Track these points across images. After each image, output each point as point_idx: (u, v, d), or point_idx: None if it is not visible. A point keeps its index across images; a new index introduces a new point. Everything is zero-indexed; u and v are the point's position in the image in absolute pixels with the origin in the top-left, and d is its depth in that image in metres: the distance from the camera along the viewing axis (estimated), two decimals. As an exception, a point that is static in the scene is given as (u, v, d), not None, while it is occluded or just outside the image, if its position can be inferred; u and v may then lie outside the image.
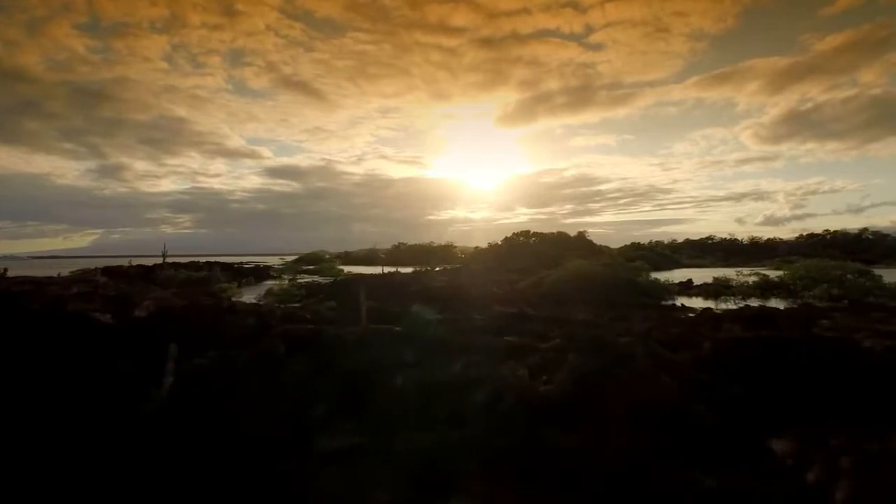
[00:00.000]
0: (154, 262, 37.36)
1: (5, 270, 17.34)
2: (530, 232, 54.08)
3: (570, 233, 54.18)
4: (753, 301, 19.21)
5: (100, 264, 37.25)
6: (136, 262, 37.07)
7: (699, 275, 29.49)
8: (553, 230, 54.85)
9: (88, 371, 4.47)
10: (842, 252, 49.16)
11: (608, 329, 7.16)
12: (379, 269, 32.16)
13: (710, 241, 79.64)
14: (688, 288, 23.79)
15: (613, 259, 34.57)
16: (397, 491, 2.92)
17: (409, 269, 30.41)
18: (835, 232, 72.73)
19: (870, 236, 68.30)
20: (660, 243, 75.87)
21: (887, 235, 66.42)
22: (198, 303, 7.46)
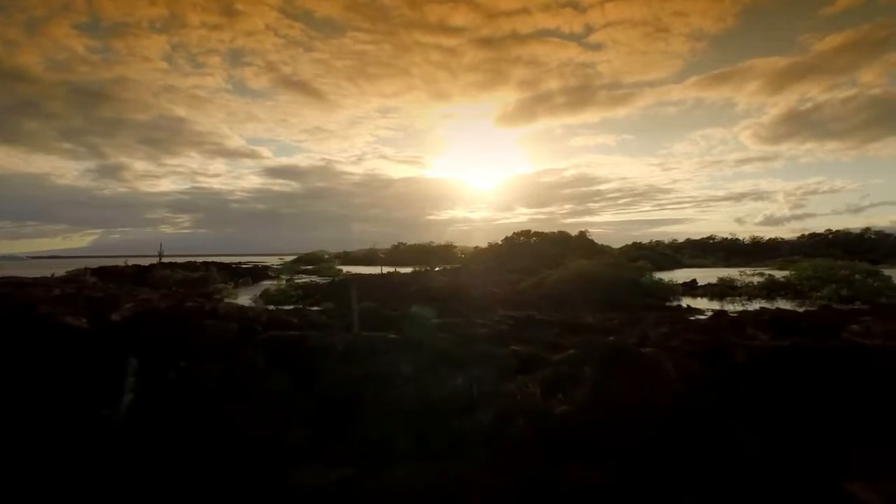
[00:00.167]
0: (152, 262, 36.93)
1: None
2: (531, 231, 53.50)
3: (570, 232, 53.69)
4: (760, 302, 18.71)
5: (99, 264, 36.92)
6: (135, 262, 36.65)
7: (702, 275, 29.06)
8: (553, 230, 54.35)
9: (35, 383, 3.94)
10: (844, 252, 48.63)
11: (623, 335, 6.63)
12: (378, 269, 31.67)
13: (711, 241, 79.17)
14: (692, 288, 23.31)
15: (616, 259, 34.05)
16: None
17: (408, 269, 29.88)
18: (836, 232, 72.28)
19: (872, 236, 67.78)
20: (660, 243, 75.33)
21: (890, 235, 65.91)
22: (180, 306, 6.93)
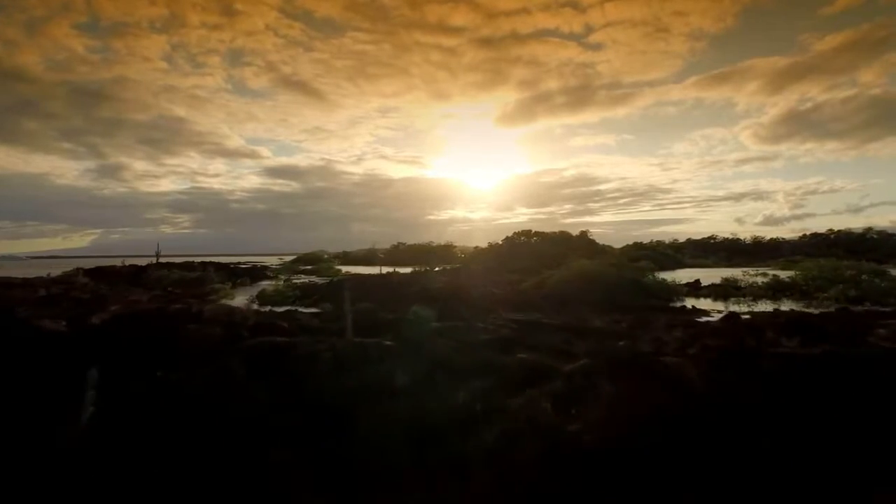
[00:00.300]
0: (150, 262, 36.61)
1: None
2: (531, 231, 53.04)
3: (571, 232, 53.31)
4: (765, 302, 18.36)
5: (99, 264, 36.61)
6: (134, 262, 36.35)
7: (704, 275, 28.70)
8: (553, 230, 53.91)
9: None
10: (846, 252, 48.22)
11: (634, 339, 6.25)
12: (377, 270, 31.31)
13: (712, 241, 78.77)
14: (696, 289, 22.90)
15: (617, 259, 33.69)
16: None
17: (408, 270, 29.51)
18: (838, 231, 71.86)
19: (874, 236, 67.35)
20: (661, 243, 74.89)
21: (892, 235, 65.43)
22: (164, 309, 6.56)
